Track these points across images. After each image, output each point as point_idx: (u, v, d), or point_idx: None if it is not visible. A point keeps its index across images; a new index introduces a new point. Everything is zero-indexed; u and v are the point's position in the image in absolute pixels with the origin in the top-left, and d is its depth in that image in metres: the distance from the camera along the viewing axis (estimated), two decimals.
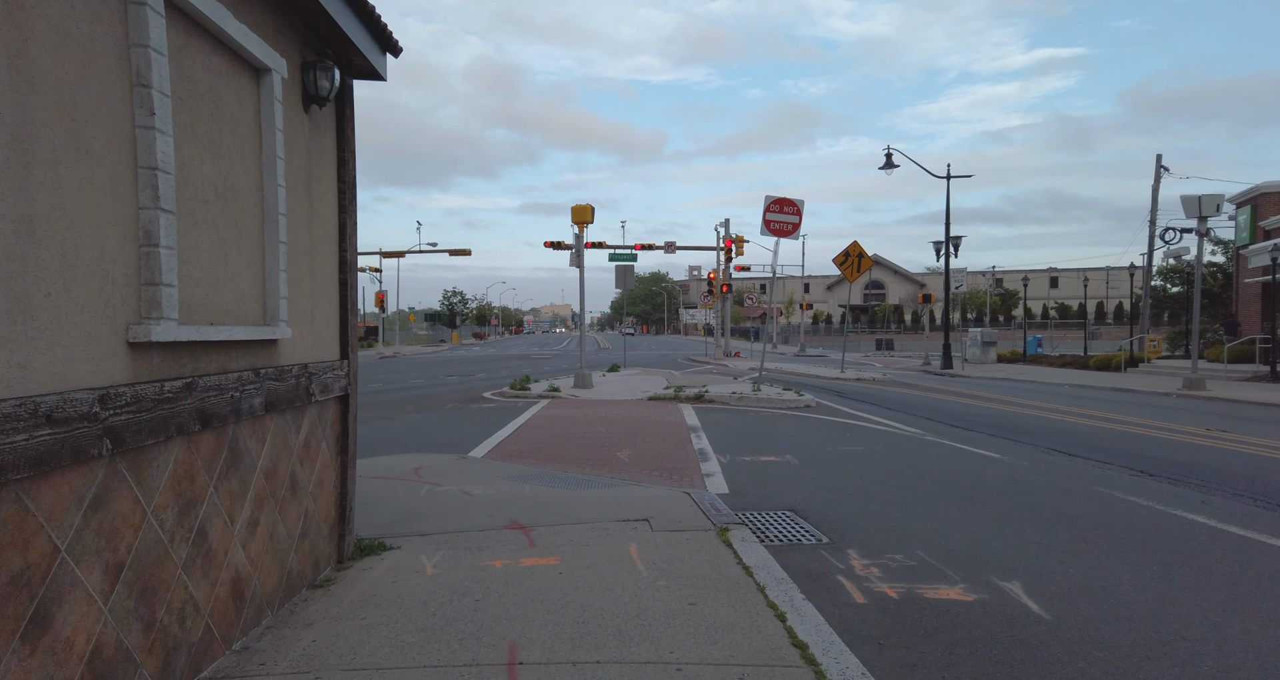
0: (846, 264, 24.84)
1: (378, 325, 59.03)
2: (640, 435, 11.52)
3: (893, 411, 14.76)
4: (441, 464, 8.75)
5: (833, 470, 8.64)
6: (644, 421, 13.08)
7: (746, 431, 11.98)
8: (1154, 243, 36.07)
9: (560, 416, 13.88)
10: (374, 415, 14.67)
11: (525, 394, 18.00)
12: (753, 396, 15.85)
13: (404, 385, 22.93)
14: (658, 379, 22.51)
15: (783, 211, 16.03)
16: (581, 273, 19.14)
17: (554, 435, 11.56)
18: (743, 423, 13.08)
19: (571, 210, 18.87)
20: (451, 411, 15.38)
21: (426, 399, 18.13)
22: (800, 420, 13.41)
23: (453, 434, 12.00)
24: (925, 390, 20.59)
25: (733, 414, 14.29)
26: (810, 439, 11.08)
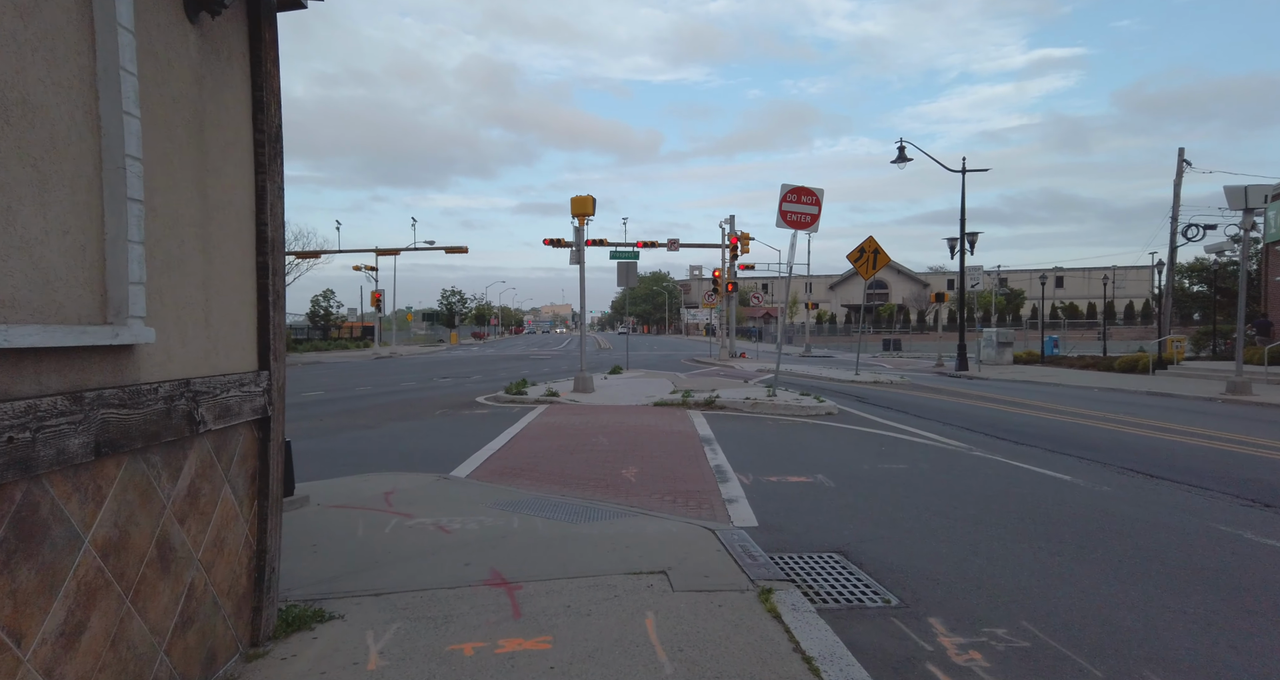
0: (861, 261, 23.56)
1: (374, 325, 57.77)
2: (648, 448, 10.24)
3: (924, 420, 13.47)
4: (418, 487, 7.47)
5: (878, 496, 7.35)
6: (651, 431, 11.80)
7: (767, 444, 10.69)
8: (1176, 239, 34.79)
9: (558, 425, 12.61)
10: (355, 423, 13.39)
11: (521, 399, 16.73)
12: (768, 402, 14.56)
13: (393, 388, 21.65)
14: (663, 382, 21.22)
15: (800, 201, 14.74)
16: (582, 270, 17.86)
17: (551, 448, 10.28)
18: (761, 433, 11.79)
19: (571, 202, 17.59)
20: (441, 419, 14.11)
21: (416, 404, 16.85)
22: (825, 430, 12.12)
23: (438, 446, 10.72)
24: (950, 394, 19.30)
25: (748, 423, 13.00)
26: (842, 454, 9.79)
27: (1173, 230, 34.72)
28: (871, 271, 23.44)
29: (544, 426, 12.51)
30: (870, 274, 23.50)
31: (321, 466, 9.11)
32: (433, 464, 9.20)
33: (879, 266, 23.45)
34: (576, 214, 17.62)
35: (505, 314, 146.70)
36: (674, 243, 40.75)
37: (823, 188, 14.67)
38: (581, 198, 17.52)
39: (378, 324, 57.50)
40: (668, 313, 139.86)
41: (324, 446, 10.79)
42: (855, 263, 23.61)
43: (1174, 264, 35.40)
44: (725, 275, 37.51)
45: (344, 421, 13.72)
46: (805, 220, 14.78)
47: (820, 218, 14.78)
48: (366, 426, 13.02)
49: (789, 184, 14.67)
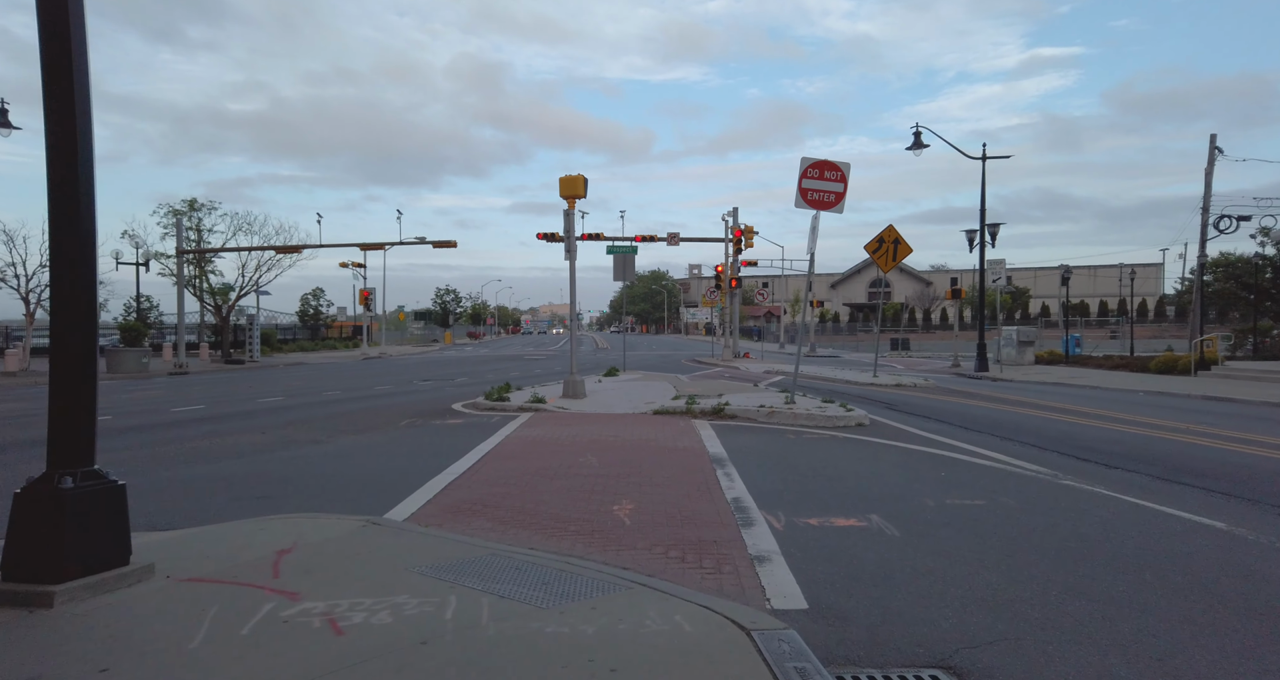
0: (880, 252, 21.55)
1: (363, 324, 55.73)
2: (646, 471, 8.23)
3: (974, 432, 11.45)
4: (332, 539, 5.44)
5: (965, 553, 5.33)
6: (650, 448, 9.78)
7: (794, 466, 8.67)
8: (1206, 232, 32.77)
9: (540, 439, 10.59)
10: (301, 437, 11.37)
11: (502, 406, 14.70)
12: (787, 411, 12.54)
13: (366, 393, 19.62)
14: (662, 386, 19.20)
15: (823, 177, 12.72)
16: (572, 260, 15.84)
17: (527, 472, 8.26)
18: (783, 451, 9.77)
19: (560, 183, 15.57)
20: (404, 431, 12.09)
21: (382, 412, 14.82)
22: (862, 447, 10.09)
23: (389, 469, 8.71)
24: (986, 399, 17.29)
25: (766, 436, 10.99)
26: (893, 481, 7.76)
27: (1203, 222, 32.71)
28: (892, 263, 21.42)
29: (523, 441, 10.49)
30: (891, 266, 21.49)
31: (222, 501, 7.09)
32: (373, 496, 7.19)
33: (900, 258, 21.44)
34: (566, 196, 15.60)
35: (502, 313, 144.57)
36: (674, 236, 38.73)
37: (848, 162, 12.66)
38: (571, 177, 15.50)
39: (366, 323, 55.45)
40: (667, 312, 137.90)
41: (246, 470, 8.75)
42: (874, 254, 21.59)
43: (1205, 258, 33.40)
44: (729, 271, 35.52)
45: (289, 435, 11.70)
46: (829, 199, 12.76)
47: (845, 197, 12.75)
48: (312, 442, 10.99)
49: (810, 157, 12.65)
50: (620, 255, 23.90)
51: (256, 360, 41.14)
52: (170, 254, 36.82)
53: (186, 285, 39.89)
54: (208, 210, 40.61)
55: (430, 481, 7.88)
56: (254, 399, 18.04)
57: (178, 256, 35.80)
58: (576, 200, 15.66)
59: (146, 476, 8.34)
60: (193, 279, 40.10)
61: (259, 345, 42.60)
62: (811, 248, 12.92)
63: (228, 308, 41.44)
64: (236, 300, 41.58)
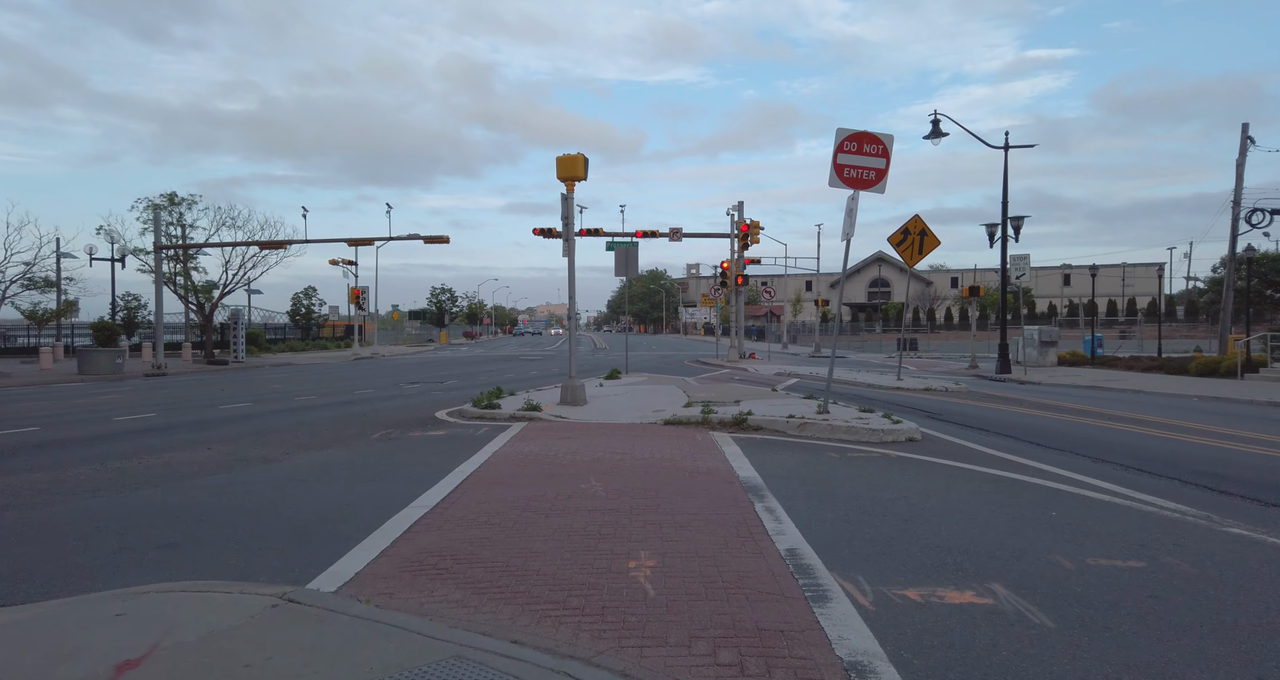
0: (905, 245, 19.81)
1: (353, 324, 53.93)
2: (665, 504, 6.48)
3: (1054, 450, 9.69)
4: (220, 632, 3.69)
5: (1178, 664, 3.58)
6: (665, 470, 8.03)
7: (853, 499, 6.92)
8: (1238, 226, 31.06)
9: (534, 458, 8.83)
10: (251, 454, 9.60)
11: (492, 415, 12.95)
12: (820, 422, 10.79)
13: (345, 398, 17.86)
14: (670, 390, 17.45)
15: (862, 151, 10.97)
16: (570, 249, 14.08)
17: (515, 504, 6.51)
18: (831, 475, 8.01)
19: (557, 163, 13.81)
20: (377, 445, 10.34)
21: (355, 421, 13.06)
22: (926, 471, 8.31)
23: (343, 500, 6.95)
24: (1033, 406, 15.56)
25: (804, 455, 9.23)
26: (994, 525, 5.98)
27: (1234, 216, 31.02)
28: (918, 256, 19.68)
29: (513, 460, 8.74)
30: (917, 259, 19.73)
31: (102, 554, 5.31)
32: (312, 543, 5.45)
33: (927, 250, 19.70)
34: (564, 178, 13.84)
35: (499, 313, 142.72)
36: (676, 232, 36.97)
37: (891, 134, 10.90)
38: (570, 157, 13.75)
39: (358, 323, 53.63)
40: (665, 312, 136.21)
41: (161, 502, 6.98)
42: (898, 246, 19.85)
43: (1235, 253, 31.70)
44: (734, 267, 33.77)
45: (239, 451, 9.93)
46: (868, 177, 11.01)
47: (887, 174, 11.00)
48: (263, 460, 9.22)
49: (846, 129, 10.91)
50: (622, 249, 22.18)
51: (241, 361, 39.34)
52: (149, 250, 34.98)
53: (167, 282, 38.10)
54: (189, 204, 38.81)
55: (392, 519, 6.14)
56: (218, 405, 16.27)
57: (155, 252, 34.00)
58: (576, 183, 13.91)
59: (22, 513, 6.58)
60: (173, 276, 38.29)
61: (244, 345, 40.82)
62: (849, 232, 11.18)
63: (211, 306, 39.62)
64: (220, 298, 39.77)
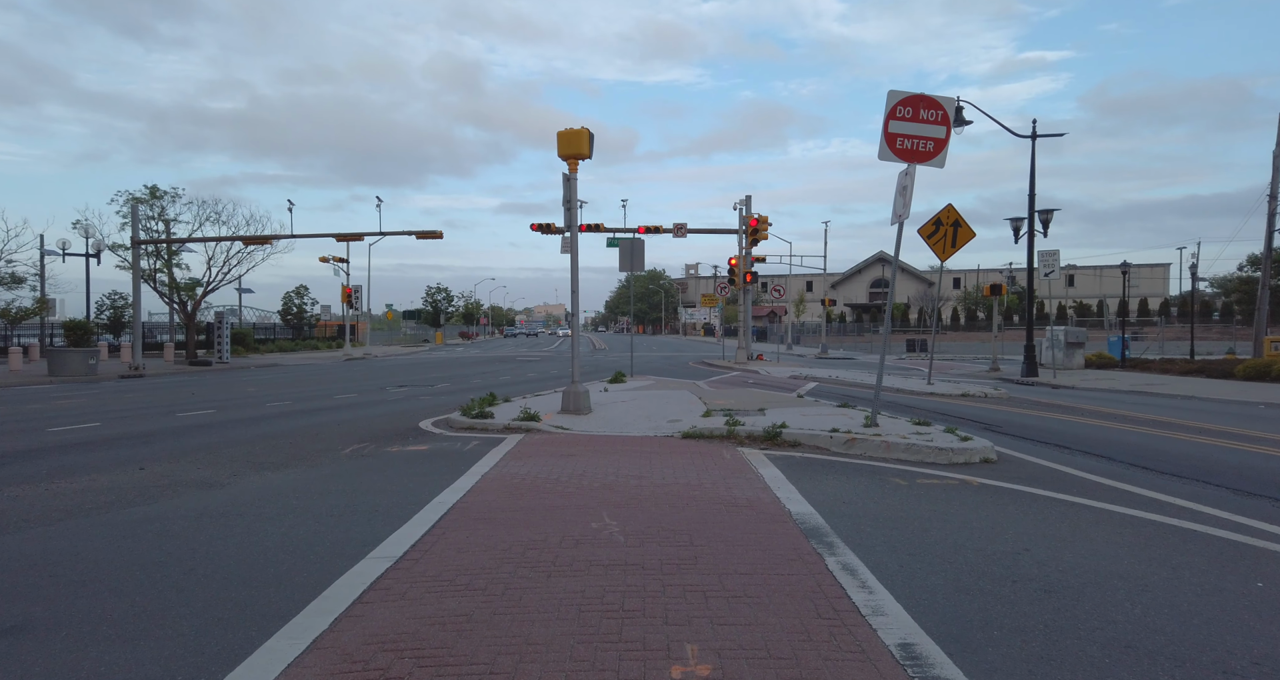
0: (937, 237, 18.20)
1: (348, 324, 52.26)
2: (707, 561, 4.84)
3: (1170, 476, 8.01)
4: None
5: None
6: (695, 501, 6.39)
7: (954, 550, 5.27)
8: (1275, 221, 29.48)
9: (531, 483, 7.19)
10: (192, 476, 7.93)
11: (484, 425, 11.31)
12: (872, 438, 9.13)
13: (323, 404, 16.20)
14: (683, 396, 15.81)
15: (918, 118, 9.34)
16: (574, 236, 12.44)
17: (507, 555, 4.87)
18: (911, 513, 6.36)
19: (558, 139, 12.17)
20: (344, 465, 8.69)
21: (325, 433, 11.41)
22: (1032, 507, 6.61)
23: (282, 547, 5.30)
24: (1094, 415, 13.92)
25: (863, 482, 7.57)
26: (1187, 604, 4.30)
27: (1270, 211, 29.43)
28: (951, 250, 18.07)
29: (506, 487, 7.09)
30: (950, 253, 18.12)
31: None
32: (222, 624, 3.79)
33: (960, 243, 18.09)
34: (566, 155, 12.20)
35: (496, 313, 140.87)
36: (680, 227, 35.33)
37: (954, 97, 9.27)
38: (573, 131, 12.11)
39: (348, 322, 51.96)
40: (664, 312, 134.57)
41: (44, 551, 5.31)
42: (929, 239, 18.24)
43: (1271, 249, 30.11)
44: (743, 264, 32.13)
45: (176, 472, 8.27)
46: (925, 147, 9.37)
47: (948, 143, 9.36)
48: (203, 485, 7.56)
49: (900, 91, 9.26)
50: (627, 242, 20.57)
51: (226, 362, 37.66)
52: (128, 245, 33.28)
53: (147, 279, 36.41)
54: (172, 198, 37.12)
55: (341, 580, 4.51)
56: (179, 411, 14.61)
57: (133, 247, 32.29)
58: (580, 161, 12.27)
59: None
60: (154, 273, 36.61)
61: (229, 345, 39.15)
62: (901, 213, 9.53)
63: (194, 305, 37.93)
64: (204, 296, 38.08)
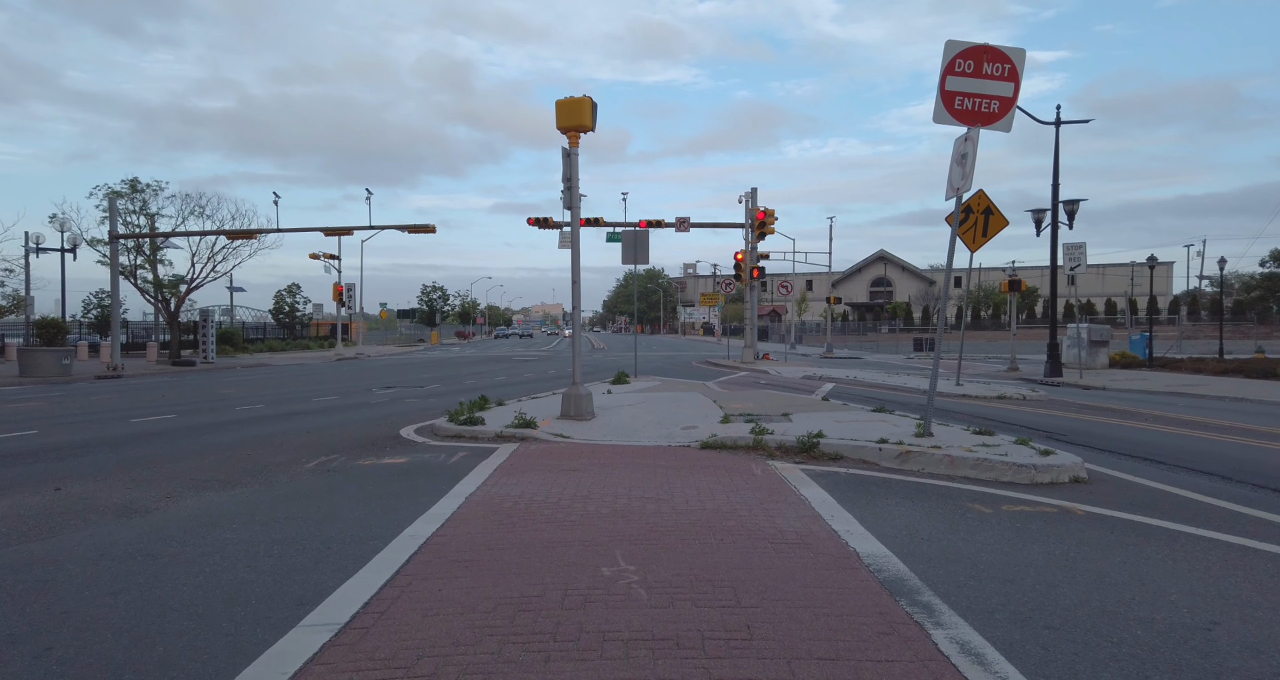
0: (966, 226, 16.82)
1: (341, 323, 50.83)
2: (764, 633, 3.45)
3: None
4: None
5: None
6: (734, 538, 5.00)
7: (1105, 620, 3.88)
8: None
9: (525, 509, 5.79)
10: (115, 498, 6.51)
11: (473, 433, 9.92)
12: (930, 451, 7.74)
13: (299, 406, 14.79)
14: (694, 398, 14.43)
15: (980, 74, 7.98)
16: (575, 213, 11.04)
17: (487, 621, 3.47)
18: (1019, 557, 4.95)
19: (557, 109, 10.78)
20: (306, 481, 7.30)
21: (297, 440, 10.00)
22: (1173, 548, 5.16)
23: (192, 611, 3.90)
24: (1155, 420, 12.55)
25: (935, 508, 6.16)
26: None
27: None
28: (982, 240, 16.69)
29: (494, 515, 5.69)
30: (981, 243, 16.73)
31: None
32: None
33: (992, 232, 16.71)
34: (566, 128, 10.81)
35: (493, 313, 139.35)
36: (683, 221, 33.95)
37: (1023, 49, 7.89)
38: (574, 100, 10.71)
39: (340, 322, 50.51)
40: (663, 312, 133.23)
41: None
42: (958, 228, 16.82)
43: None
44: (749, 259, 30.74)
45: (100, 492, 6.86)
46: (990, 108, 8.00)
47: (1016, 102, 7.99)
48: (124, 511, 6.15)
49: (959, 42, 7.88)
50: (630, 232, 19.22)
51: (211, 362, 36.24)
52: (106, 239, 31.80)
53: (125, 275, 34.95)
54: (154, 191, 35.66)
55: (258, 664, 3.13)
56: (134, 417, 13.19)
57: (111, 242, 30.85)
58: (581, 135, 10.89)
59: None
60: (134, 269, 35.16)
61: (214, 344, 37.72)
62: (960, 186, 8.16)
63: (177, 302, 36.47)
64: (187, 293, 36.62)
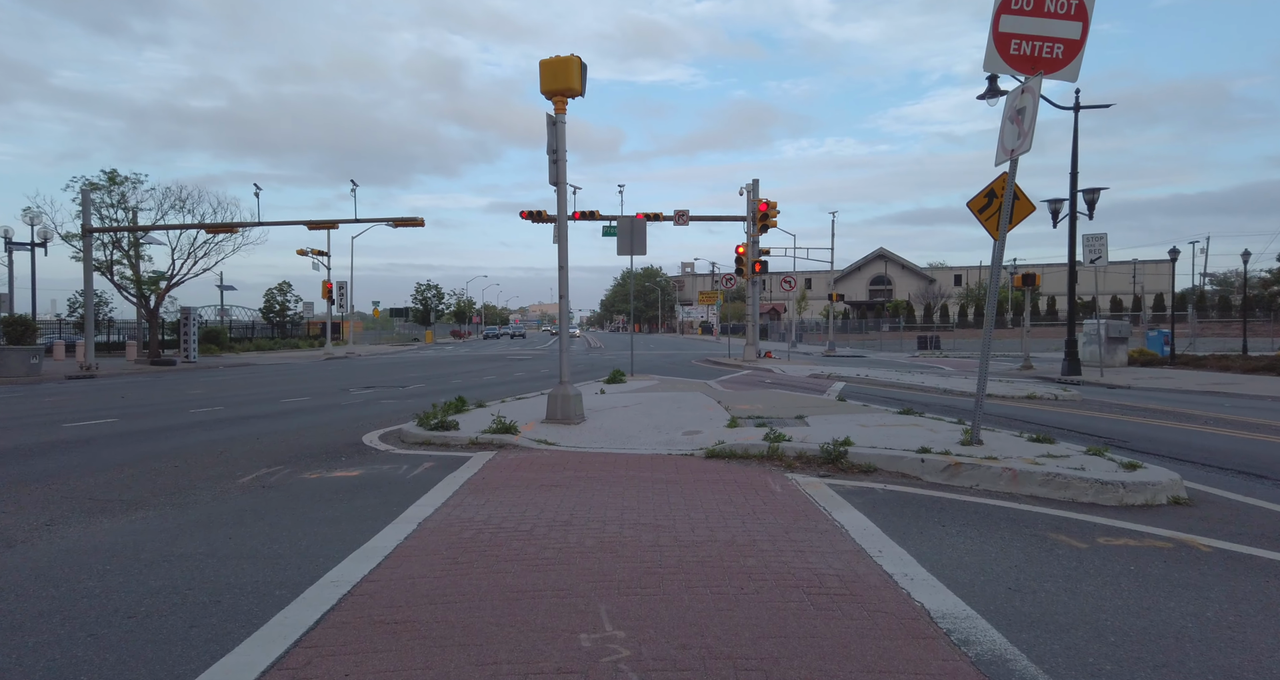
0: (989, 212, 15.53)
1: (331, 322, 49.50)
2: None
3: None
4: None
5: None
6: (763, 589, 3.72)
7: None
8: None
9: (489, 543, 4.50)
10: (6, 520, 5.23)
11: (445, 439, 8.63)
12: (984, 463, 6.46)
13: (264, 409, 13.49)
14: (696, 399, 13.13)
15: (1041, 10, 6.72)
16: (562, 197, 9.75)
17: None
18: (1176, 631, 3.63)
19: (541, 70, 9.48)
20: (232, 501, 6.01)
21: (242, 449, 8.70)
22: None
23: None
24: (1207, 422, 11.25)
25: (1017, 542, 4.85)
26: None
27: None
28: (1007, 226, 15.40)
29: (448, 549, 4.39)
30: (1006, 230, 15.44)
31: None
32: None
33: (1018, 219, 15.37)
34: (552, 92, 9.51)
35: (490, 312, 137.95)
36: (682, 214, 32.68)
37: None
38: (559, 60, 9.41)
39: (329, 321, 49.17)
40: (660, 311, 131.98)
41: None
42: (980, 213, 15.53)
43: None
44: (750, 252, 29.46)
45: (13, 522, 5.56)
46: (1053, 53, 6.75)
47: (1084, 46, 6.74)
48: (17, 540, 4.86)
49: None
50: (626, 221, 17.95)
51: (193, 361, 34.92)
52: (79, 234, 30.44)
53: (101, 270, 33.59)
54: (133, 184, 34.30)
55: None
56: (67, 422, 11.88)
57: (84, 236, 29.53)
58: (569, 100, 9.59)
59: None
60: (110, 264, 33.80)
61: (195, 343, 36.39)
62: (1016, 148, 6.91)
63: (157, 299, 35.11)
64: (168, 290, 35.26)
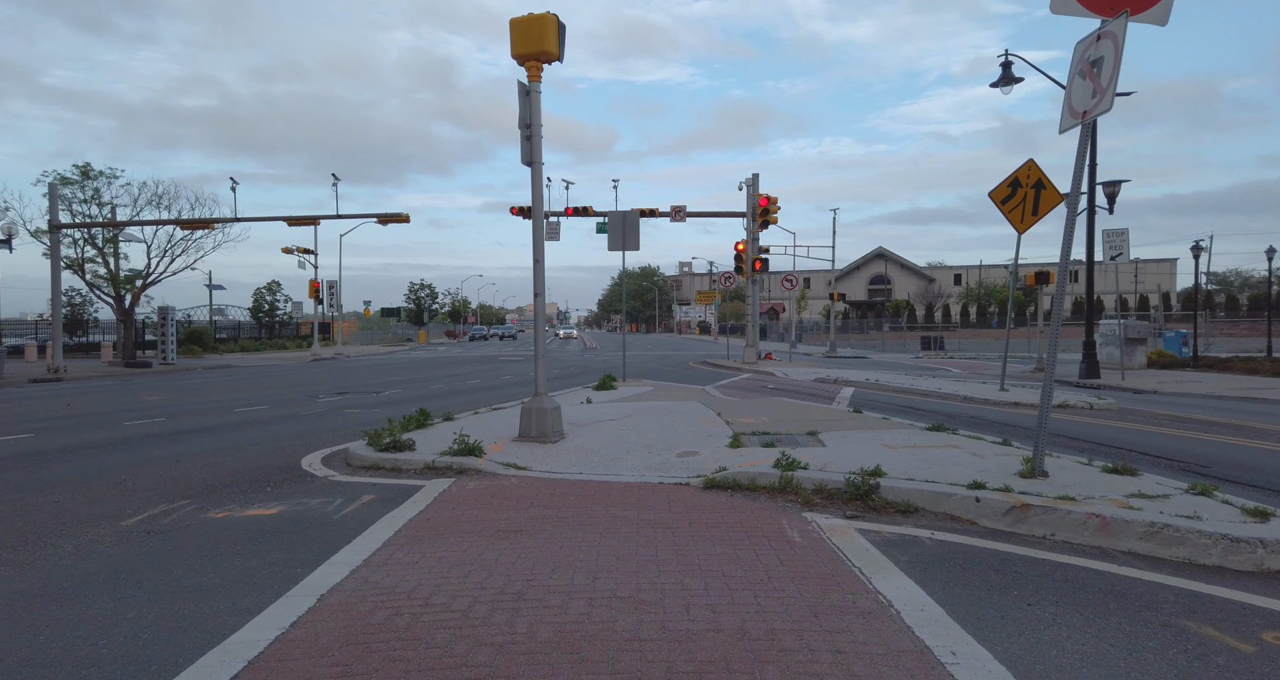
0: (1014, 202, 14.22)
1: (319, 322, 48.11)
2: None
3: None
4: None
5: None
6: None
7: None
8: None
9: (407, 628, 3.15)
10: None
11: (396, 462, 7.28)
12: (1059, 505, 5.11)
13: (209, 421, 12.11)
14: (693, 409, 11.78)
15: None
16: (538, 179, 8.39)
17: None
18: None
19: (511, 29, 8.12)
20: (88, 563, 4.65)
21: (158, 472, 7.33)
22: None
23: None
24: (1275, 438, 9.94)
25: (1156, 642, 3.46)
26: None
27: None
28: (1031, 218, 14.08)
29: (340, 651, 3.05)
30: (1030, 223, 14.10)
31: None
32: None
33: (1044, 210, 14.11)
34: (524, 56, 8.15)
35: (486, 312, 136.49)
36: (679, 210, 31.33)
37: None
38: (532, 17, 8.04)
39: (316, 321, 47.78)
40: (658, 310, 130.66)
41: None
42: (1003, 204, 14.23)
43: None
44: (750, 249, 28.11)
45: None
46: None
47: None
48: None
49: None
50: (618, 215, 16.66)
51: (170, 363, 33.49)
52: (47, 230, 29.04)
53: (75, 269, 32.23)
54: (108, 179, 32.91)
55: None
56: None
57: (51, 232, 28.17)
58: (544, 66, 8.24)
59: None
60: (82, 262, 32.43)
61: (174, 344, 34.98)
62: (1088, 108, 5.54)
63: (132, 297, 33.72)
64: (143, 288, 33.88)
